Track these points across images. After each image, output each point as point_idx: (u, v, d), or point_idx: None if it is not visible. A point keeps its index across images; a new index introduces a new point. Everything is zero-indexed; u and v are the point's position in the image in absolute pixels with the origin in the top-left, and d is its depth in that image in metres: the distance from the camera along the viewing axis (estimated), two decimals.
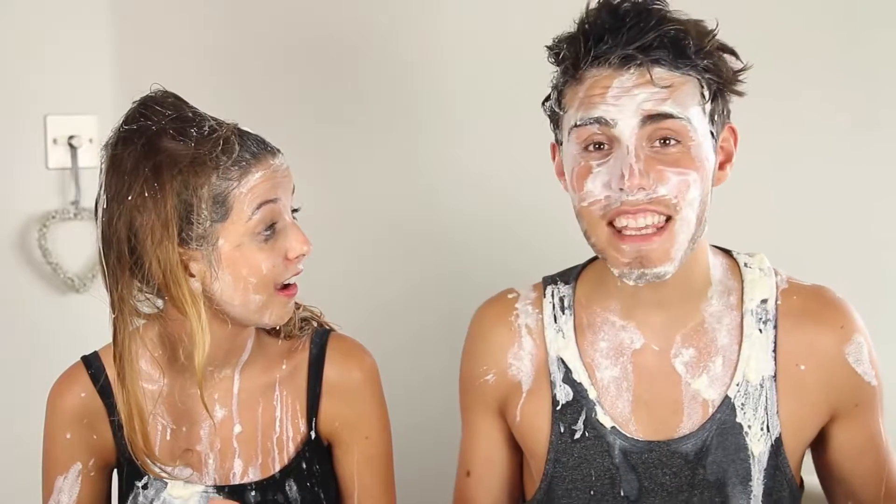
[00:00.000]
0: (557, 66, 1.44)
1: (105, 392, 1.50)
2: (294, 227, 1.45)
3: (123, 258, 1.41)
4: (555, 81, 1.46)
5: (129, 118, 1.43)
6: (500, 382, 1.52)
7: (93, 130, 2.04)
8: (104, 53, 2.04)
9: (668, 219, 1.38)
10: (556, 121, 1.47)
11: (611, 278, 1.46)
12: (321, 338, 1.56)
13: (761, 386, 1.47)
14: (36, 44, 2.00)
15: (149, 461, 1.46)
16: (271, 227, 1.42)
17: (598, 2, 1.41)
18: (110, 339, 1.49)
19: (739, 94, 1.45)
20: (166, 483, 1.48)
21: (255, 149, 1.42)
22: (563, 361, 1.49)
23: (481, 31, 2.16)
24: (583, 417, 1.47)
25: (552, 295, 1.53)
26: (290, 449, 1.52)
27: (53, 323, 2.03)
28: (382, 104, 2.16)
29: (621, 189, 1.37)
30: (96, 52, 2.03)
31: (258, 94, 2.10)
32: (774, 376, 1.47)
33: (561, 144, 1.47)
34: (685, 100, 1.38)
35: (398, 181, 2.17)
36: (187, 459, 1.50)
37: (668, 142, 1.38)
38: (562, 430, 1.48)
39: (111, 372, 1.48)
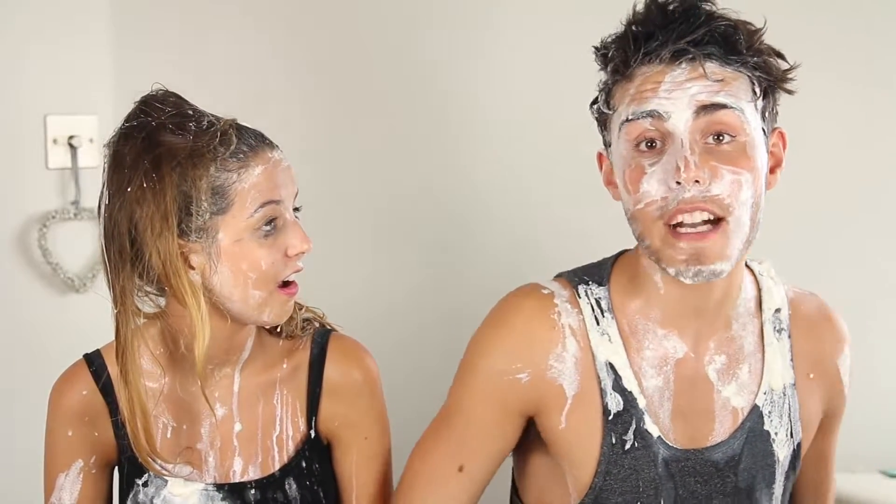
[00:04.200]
0: (604, 66, 1.42)
1: (106, 390, 1.50)
2: (295, 224, 1.46)
3: (125, 251, 1.42)
4: (602, 83, 1.43)
5: (130, 116, 1.45)
6: (535, 384, 1.43)
7: (93, 130, 2.04)
8: (104, 53, 2.04)
9: (721, 219, 1.35)
10: (604, 122, 1.44)
11: (651, 286, 1.44)
12: (322, 338, 1.56)
13: (784, 394, 1.48)
14: (36, 44, 2.00)
15: (150, 459, 1.46)
16: (272, 223, 1.43)
17: (646, 1, 1.39)
18: (111, 339, 1.50)
19: (790, 92, 1.42)
20: (167, 481, 1.49)
21: (252, 142, 1.44)
22: (612, 367, 1.43)
23: (483, 33, 2.16)
24: (633, 427, 1.42)
25: (587, 295, 1.46)
26: (290, 448, 1.53)
27: (53, 323, 2.03)
28: (386, 107, 2.16)
29: (678, 183, 1.33)
30: (96, 52, 2.03)
31: (259, 94, 2.10)
32: (794, 384, 1.49)
33: (609, 147, 1.44)
34: (738, 93, 1.36)
35: (399, 182, 2.17)
36: (188, 457, 1.50)
37: (721, 138, 1.35)
38: (613, 440, 1.42)
39: (113, 369, 1.48)
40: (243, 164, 1.42)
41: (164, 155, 1.40)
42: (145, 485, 1.49)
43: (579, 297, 1.45)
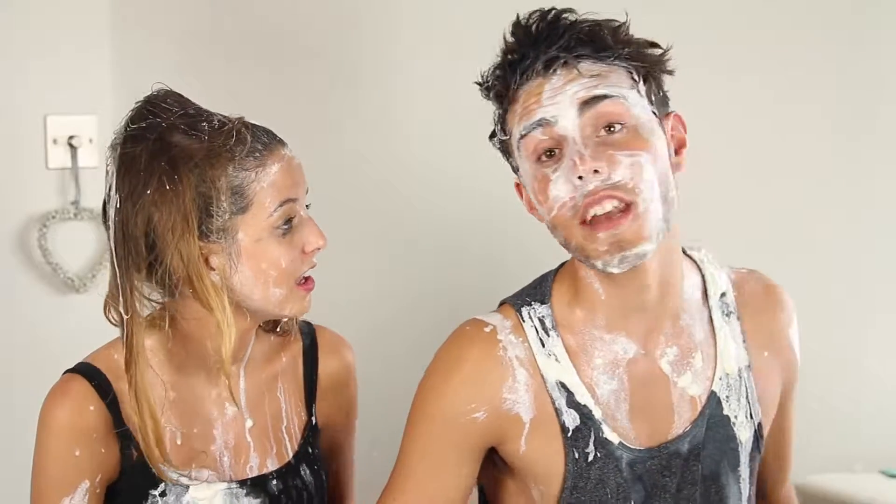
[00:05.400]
0: (490, 98, 1.47)
1: (113, 403, 1.46)
2: (310, 221, 1.48)
3: (140, 255, 1.41)
4: (495, 115, 1.48)
5: (136, 117, 1.44)
6: (492, 419, 1.45)
7: (93, 130, 2.04)
8: (104, 53, 2.04)
9: (630, 203, 1.38)
10: (507, 150, 1.48)
11: (592, 294, 1.46)
12: (309, 329, 1.62)
13: (740, 376, 1.50)
14: (36, 44, 2.00)
15: (164, 468, 1.45)
16: (289, 221, 1.44)
17: (511, 26, 1.44)
18: (110, 339, 1.50)
19: (670, 72, 1.46)
20: (187, 487, 1.47)
21: (266, 139, 1.45)
22: (563, 386, 1.45)
23: (479, 27, 2.16)
24: (593, 439, 1.45)
25: (530, 317, 1.48)
26: (298, 436, 1.56)
27: (53, 323, 2.02)
28: (382, 110, 2.17)
29: (580, 178, 1.37)
30: (96, 52, 2.03)
31: (258, 95, 2.10)
32: (749, 365, 1.51)
33: (518, 172, 1.48)
34: (618, 82, 1.40)
35: (398, 186, 2.18)
36: (202, 462, 1.50)
37: (612, 128, 1.39)
38: (576, 456, 1.44)
39: (117, 382, 1.46)
40: (260, 163, 1.43)
41: (181, 156, 1.40)
42: (163, 494, 1.47)
43: (523, 321, 1.47)
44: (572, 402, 1.45)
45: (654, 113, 1.43)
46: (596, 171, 1.36)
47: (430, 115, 2.19)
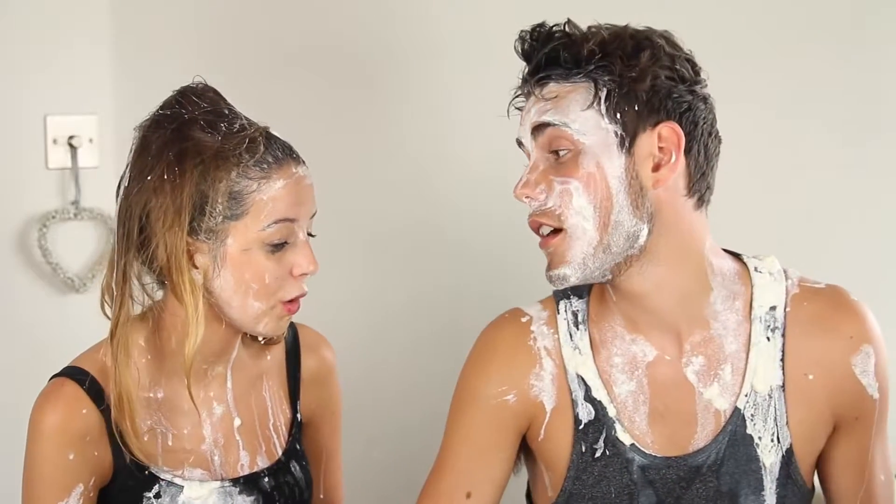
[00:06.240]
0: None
1: (104, 405, 1.46)
2: (305, 245, 1.47)
3: (132, 236, 1.43)
4: None
5: (166, 104, 1.47)
6: (521, 403, 1.49)
7: (93, 130, 2.04)
8: (104, 53, 2.04)
9: (559, 229, 1.42)
10: None
11: (608, 294, 1.48)
12: (291, 328, 1.63)
13: (770, 396, 1.45)
14: (36, 44, 2.00)
15: (155, 470, 1.46)
16: (282, 240, 1.44)
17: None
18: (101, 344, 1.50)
19: (643, 88, 1.40)
20: (181, 487, 1.48)
21: (279, 153, 1.45)
22: (582, 379, 1.48)
23: (487, 28, 2.16)
24: (603, 436, 1.46)
25: (565, 310, 1.52)
26: (285, 433, 1.58)
27: (53, 323, 2.03)
28: (385, 109, 2.16)
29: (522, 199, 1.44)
30: (96, 52, 2.03)
31: (257, 96, 2.09)
32: (783, 386, 1.46)
33: None
34: (568, 106, 1.41)
35: (400, 186, 2.17)
36: (194, 461, 1.50)
37: (559, 152, 1.42)
38: (583, 449, 1.47)
39: (105, 383, 1.46)
40: (265, 175, 1.43)
41: (190, 150, 1.41)
42: (157, 496, 1.48)
43: (558, 314, 1.51)
44: (589, 397, 1.48)
45: (619, 132, 1.40)
46: (528, 197, 1.43)
47: (429, 116, 2.19)
